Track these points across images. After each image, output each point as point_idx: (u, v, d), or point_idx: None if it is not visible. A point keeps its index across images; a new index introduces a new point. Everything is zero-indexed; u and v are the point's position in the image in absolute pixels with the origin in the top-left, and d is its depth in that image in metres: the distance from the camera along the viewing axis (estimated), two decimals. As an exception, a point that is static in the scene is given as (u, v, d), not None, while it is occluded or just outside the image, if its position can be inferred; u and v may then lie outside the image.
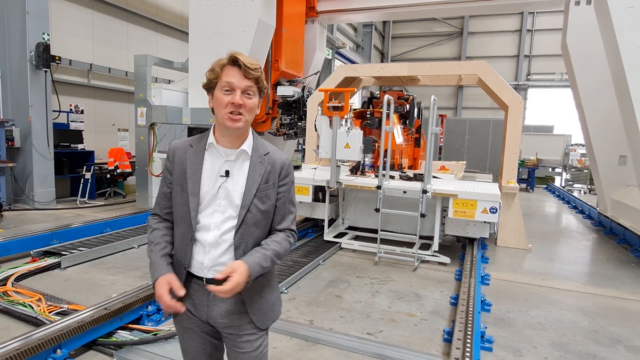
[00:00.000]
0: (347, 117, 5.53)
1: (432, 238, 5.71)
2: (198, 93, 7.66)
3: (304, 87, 9.10)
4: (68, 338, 2.81)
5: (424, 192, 5.21)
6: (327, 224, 6.22)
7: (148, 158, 8.07)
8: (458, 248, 6.15)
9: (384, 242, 5.71)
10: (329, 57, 16.50)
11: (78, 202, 8.45)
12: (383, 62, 24.46)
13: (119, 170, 9.11)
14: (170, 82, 10.27)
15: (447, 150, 14.63)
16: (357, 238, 6.37)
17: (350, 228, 6.78)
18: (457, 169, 8.57)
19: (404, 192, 5.47)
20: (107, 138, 10.26)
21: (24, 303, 3.59)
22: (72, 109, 9.31)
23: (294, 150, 11.53)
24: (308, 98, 8.40)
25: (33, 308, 3.50)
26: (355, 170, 6.47)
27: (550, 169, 16.23)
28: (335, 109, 5.38)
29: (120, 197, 9.46)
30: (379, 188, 5.44)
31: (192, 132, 7.51)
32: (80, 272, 4.62)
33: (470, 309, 3.56)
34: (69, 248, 5.11)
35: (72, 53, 9.13)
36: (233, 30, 7.24)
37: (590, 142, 7.51)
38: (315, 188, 6.15)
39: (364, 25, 21.88)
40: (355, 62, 18.64)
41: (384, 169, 5.56)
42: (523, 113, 10.29)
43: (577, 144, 15.81)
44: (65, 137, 8.82)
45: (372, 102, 8.07)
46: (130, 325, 3.32)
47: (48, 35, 7.68)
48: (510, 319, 3.87)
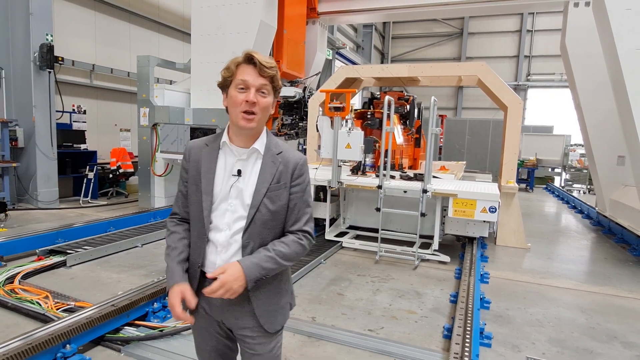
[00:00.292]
0: (348, 117, 5.60)
1: (432, 237, 5.78)
2: (200, 94, 7.73)
3: (305, 87, 9.17)
4: (77, 334, 2.88)
5: (424, 191, 5.27)
6: (328, 223, 6.28)
7: (150, 158, 8.13)
8: (458, 247, 6.21)
9: (385, 241, 5.77)
10: (330, 57, 16.54)
11: (81, 201, 8.52)
12: (383, 62, 24.53)
13: (121, 170, 9.16)
14: (172, 82, 10.33)
15: (447, 151, 14.67)
16: (358, 237, 6.43)
17: (351, 227, 6.84)
18: (457, 169, 8.63)
19: (405, 191, 5.53)
20: (109, 138, 10.32)
21: (32, 300, 3.65)
22: (74, 109, 9.37)
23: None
24: (309, 99, 8.47)
25: (41, 305, 3.57)
26: (356, 170, 6.53)
27: (550, 169, 16.25)
28: (337, 110, 5.43)
29: (123, 196, 9.52)
30: (380, 188, 5.51)
31: (194, 132, 7.56)
32: (86, 270, 4.68)
33: (470, 306, 3.61)
34: (74, 247, 5.17)
35: (74, 54, 9.20)
36: (235, 31, 7.29)
37: (589, 142, 7.56)
38: (317, 188, 6.21)
39: (364, 26, 21.90)
40: (356, 62, 18.69)
41: (385, 169, 5.62)
42: (522, 113, 10.33)
43: (576, 145, 15.80)
44: (68, 137, 8.88)
45: (372, 102, 8.14)
46: (137, 322, 3.39)
47: (51, 36, 7.74)
48: (509, 316, 3.93)
